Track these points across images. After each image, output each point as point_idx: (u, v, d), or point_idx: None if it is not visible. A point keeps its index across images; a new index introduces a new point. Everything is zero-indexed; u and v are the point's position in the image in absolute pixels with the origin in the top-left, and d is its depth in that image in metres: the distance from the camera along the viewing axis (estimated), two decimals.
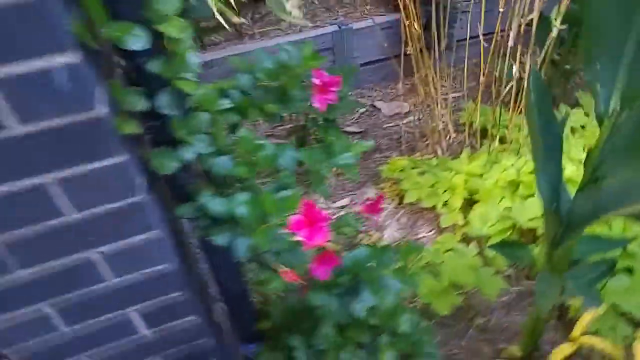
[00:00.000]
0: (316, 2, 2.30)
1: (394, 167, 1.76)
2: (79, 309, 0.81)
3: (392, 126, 2.07)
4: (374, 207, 0.91)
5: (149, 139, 0.79)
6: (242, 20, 1.50)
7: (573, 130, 1.79)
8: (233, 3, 1.34)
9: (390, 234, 1.63)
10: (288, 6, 1.38)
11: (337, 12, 2.24)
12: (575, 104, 1.92)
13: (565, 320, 1.32)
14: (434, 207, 1.64)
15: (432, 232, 1.64)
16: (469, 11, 1.61)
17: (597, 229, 1.38)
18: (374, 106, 2.16)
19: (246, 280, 1.16)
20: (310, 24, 2.08)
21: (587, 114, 1.85)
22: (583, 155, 1.25)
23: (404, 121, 2.06)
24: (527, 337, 1.19)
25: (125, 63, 0.70)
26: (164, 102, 0.72)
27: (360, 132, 2.05)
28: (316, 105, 0.81)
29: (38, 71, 0.57)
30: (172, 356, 1.01)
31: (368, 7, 2.29)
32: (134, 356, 0.95)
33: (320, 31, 1.97)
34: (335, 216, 1.52)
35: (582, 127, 1.81)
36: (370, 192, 1.80)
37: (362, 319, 1.06)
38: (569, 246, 0.98)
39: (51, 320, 0.80)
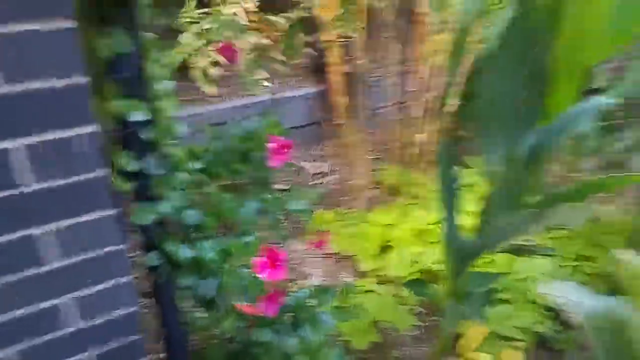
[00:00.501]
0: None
1: (319, 220, 1.97)
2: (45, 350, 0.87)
3: (316, 184, 2.30)
4: (320, 244, 1.09)
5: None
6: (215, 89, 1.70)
7: (464, 186, 2.12)
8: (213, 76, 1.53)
9: (316, 281, 1.81)
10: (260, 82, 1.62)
11: (273, 81, 2.49)
12: (466, 166, 2.27)
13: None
14: (354, 255, 1.85)
15: (353, 277, 1.84)
16: (383, 87, 1.92)
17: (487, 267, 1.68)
18: (299, 166, 2.38)
19: (186, 324, 1.26)
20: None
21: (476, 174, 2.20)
22: (471, 207, 1.51)
23: (327, 179, 2.30)
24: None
25: (120, 132, 0.84)
26: (152, 164, 0.87)
27: (287, 189, 2.25)
28: (272, 164, 0.99)
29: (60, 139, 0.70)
30: None
31: (296, 79, 2.56)
32: None
33: (258, 99, 2.20)
34: None
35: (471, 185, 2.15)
36: (297, 245, 1.98)
37: (294, 357, 1.21)
38: (465, 278, 1.22)
39: None
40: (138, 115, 0.78)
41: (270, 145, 0.99)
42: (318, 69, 2.28)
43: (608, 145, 1.76)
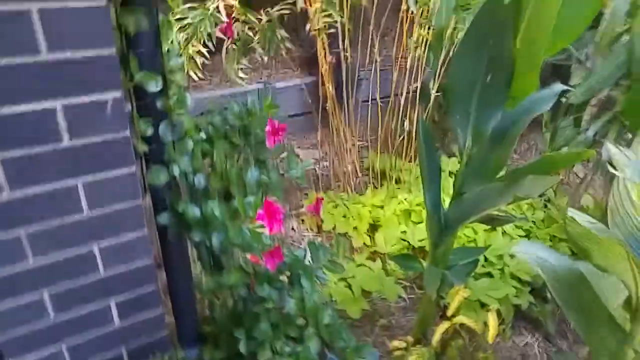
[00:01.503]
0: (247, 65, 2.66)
1: (313, 201, 2.09)
2: (70, 297, 0.99)
3: (309, 170, 2.42)
4: (316, 208, 1.21)
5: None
6: (202, 77, 1.81)
7: (450, 173, 2.26)
8: (199, 64, 1.65)
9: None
10: (239, 73, 1.74)
11: (262, 72, 2.61)
12: (452, 155, 2.42)
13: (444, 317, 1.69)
14: (346, 233, 1.98)
15: (346, 253, 1.97)
16: (369, 79, 2.05)
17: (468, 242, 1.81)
18: (300, 158, 2.51)
19: (193, 285, 1.38)
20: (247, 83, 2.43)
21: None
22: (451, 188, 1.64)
23: (319, 165, 2.43)
24: (418, 326, 1.53)
25: (140, 101, 0.96)
26: (164, 130, 0.99)
27: (282, 174, 2.37)
28: (268, 143, 1.12)
29: (96, 101, 0.83)
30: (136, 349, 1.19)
31: (288, 70, 2.69)
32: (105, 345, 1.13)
33: (250, 87, 2.32)
34: None
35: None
36: (294, 223, 2.11)
37: (291, 316, 1.34)
38: (446, 245, 1.35)
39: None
40: (154, 85, 0.90)
41: (268, 127, 1.11)
42: (311, 60, 2.41)
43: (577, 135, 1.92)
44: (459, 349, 1.46)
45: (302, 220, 2.11)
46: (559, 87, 1.19)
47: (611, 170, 0.79)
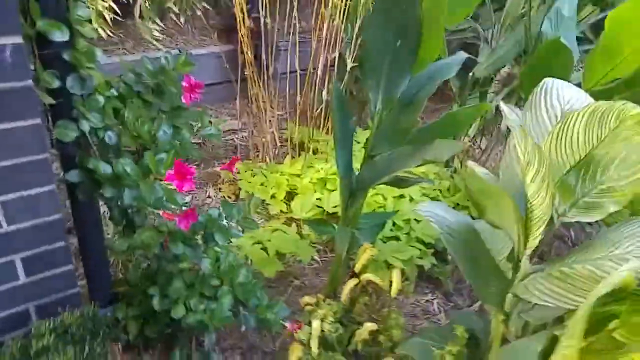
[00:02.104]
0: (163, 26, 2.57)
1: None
2: None
3: (228, 139, 2.42)
4: (230, 166, 1.23)
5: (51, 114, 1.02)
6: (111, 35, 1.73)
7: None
8: (109, 20, 1.58)
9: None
10: (153, 32, 1.69)
11: (178, 39, 2.55)
12: (368, 127, 2.52)
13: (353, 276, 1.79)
14: (263, 201, 2.02)
15: (263, 219, 2.01)
16: (288, 50, 2.08)
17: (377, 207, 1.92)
18: (211, 122, 2.49)
19: (106, 246, 1.36)
20: (151, 46, 2.35)
21: None
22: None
23: (238, 135, 2.44)
24: (329, 284, 1.62)
25: (44, 51, 0.93)
26: (71, 83, 0.96)
27: (200, 142, 2.36)
28: (184, 100, 1.12)
29: None
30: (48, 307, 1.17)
31: (205, 37, 2.64)
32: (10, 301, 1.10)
33: (160, 54, 2.25)
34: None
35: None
36: (211, 191, 2.11)
37: (206, 276, 1.36)
38: (356, 207, 1.44)
39: None
40: (58, 35, 0.88)
41: (183, 84, 1.11)
42: (229, 29, 2.39)
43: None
44: (365, 304, 1.56)
45: (220, 189, 2.12)
46: (462, 55, 1.29)
47: (508, 124, 0.87)
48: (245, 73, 1.98)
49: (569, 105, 1.01)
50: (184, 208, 1.16)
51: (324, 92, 2.07)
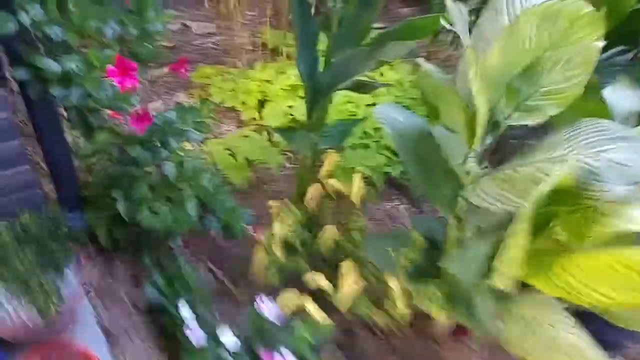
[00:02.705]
0: None
1: (202, 74, 2.06)
2: None
3: (201, 43, 2.34)
4: (179, 66, 1.19)
5: None
6: None
7: None
8: None
9: None
10: None
11: None
12: None
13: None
14: (234, 107, 2.00)
15: (234, 126, 2.00)
16: None
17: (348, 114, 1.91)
18: (185, 25, 2.39)
19: (70, 150, 1.36)
20: None
21: None
22: None
23: (212, 40, 2.35)
24: (296, 189, 1.65)
25: None
26: None
27: (172, 46, 2.28)
28: None
29: None
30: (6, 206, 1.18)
31: None
32: None
33: None
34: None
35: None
36: (182, 97, 2.07)
37: (170, 179, 1.37)
38: (320, 112, 1.42)
39: None
40: None
41: None
42: None
43: None
44: (330, 209, 1.60)
45: (191, 94, 2.08)
46: None
47: (444, 22, 0.85)
48: None
49: (529, 4, 0.97)
50: (136, 109, 1.14)
51: None
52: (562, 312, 1.05)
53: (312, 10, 2.09)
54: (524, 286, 1.05)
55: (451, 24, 0.84)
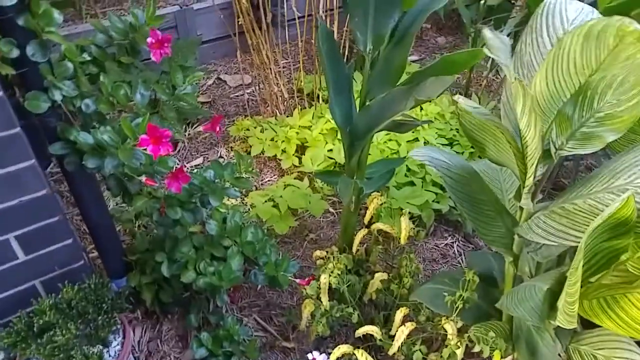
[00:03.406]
0: None
1: (240, 127, 2.07)
2: None
3: (237, 95, 2.37)
4: (213, 126, 1.17)
5: (22, 86, 0.99)
6: None
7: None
8: None
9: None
10: None
11: None
12: None
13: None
14: (275, 156, 1.98)
15: (276, 176, 1.98)
16: None
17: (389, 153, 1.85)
18: (220, 79, 2.44)
19: (112, 216, 1.37)
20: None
21: None
22: None
23: (248, 90, 2.38)
24: (341, 236, 1.59)
25: None
26: (32, 51, 0.93)
27: (209, 101, 2.32)
28: (153, 57, 1.06)
29: None
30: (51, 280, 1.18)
31: None
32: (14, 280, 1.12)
33: (162, 11, 2.19)
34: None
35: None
36: (222, 151, 2.09)
37: (214, 237, 1.35)
38: (360, 156, 1.37)
39: None
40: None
41: (149, 39, 1.04)
42: None
43: None
44: (379, 253, 1.52)
45: (231, 148, 2.09)
46: None
47: (487, 53, 0.79)
48: (239, 22, 1.89)
49: (572, 26, 0.90)
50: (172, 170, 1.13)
51: None
52: (636, 348, 0.93)
53: (346, 51, 2.09)
54: (594, 325, 0.94)
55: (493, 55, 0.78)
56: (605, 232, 0.77)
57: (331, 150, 1.93)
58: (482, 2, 1.83)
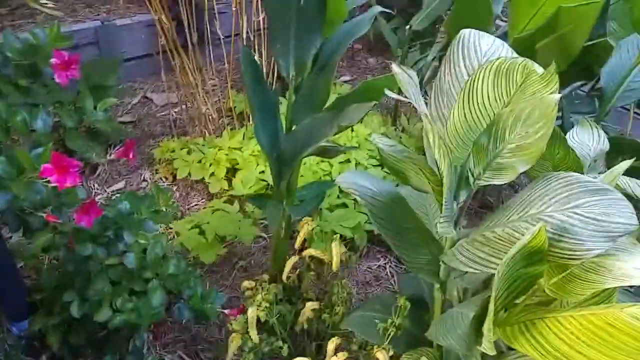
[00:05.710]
0: None
1: (166, 149, 1.98)
2: None
3: (164, 115, 2.28)
4: (126, 152, 1.09)
5: None
6: None
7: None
8: None
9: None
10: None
11: (99, 8, 2.34)
12: None
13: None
14: (202, 179, 1.90)
15: (204, 199, 1.90)
16: (226, 12, 1.91)
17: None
18: (147, 97, 2.33)
19: (10, 253, 1.24)
20: (68, 18, 2.16)
21: None
22: None
23: (175, 110, 2.29)
24: (273, 264, 1.54)
25: None
26: None
27: (133, 121, 2.21)
28: (58, 80, 0.98)
29: None
30: None
31: (131, 5, 2.43)
32: None
33: (81, 25, 2.06)
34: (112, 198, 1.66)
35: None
36: (147, 174, 1.98)
37: (134, 271, 1.26)
38: (288, 180, 1.33)
39: None
40: None
41: (53, 60, 0.96)
42: None
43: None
44: (310, 280, 1.48)
45: (156, 170, 2.00)
46: (376, 9, 1.18)
47: (390, 95, 0.78)
48: (161, 42, 1.81)
49: (485, 58, 0.91)
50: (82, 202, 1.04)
51: (256, 57, 1.92)
52: None
53: (272, 77, 2.06)
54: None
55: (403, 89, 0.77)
56: (521, 260, 0.78)
57: (263, 172, 1.88)
58: (407, 27, 1.87)
